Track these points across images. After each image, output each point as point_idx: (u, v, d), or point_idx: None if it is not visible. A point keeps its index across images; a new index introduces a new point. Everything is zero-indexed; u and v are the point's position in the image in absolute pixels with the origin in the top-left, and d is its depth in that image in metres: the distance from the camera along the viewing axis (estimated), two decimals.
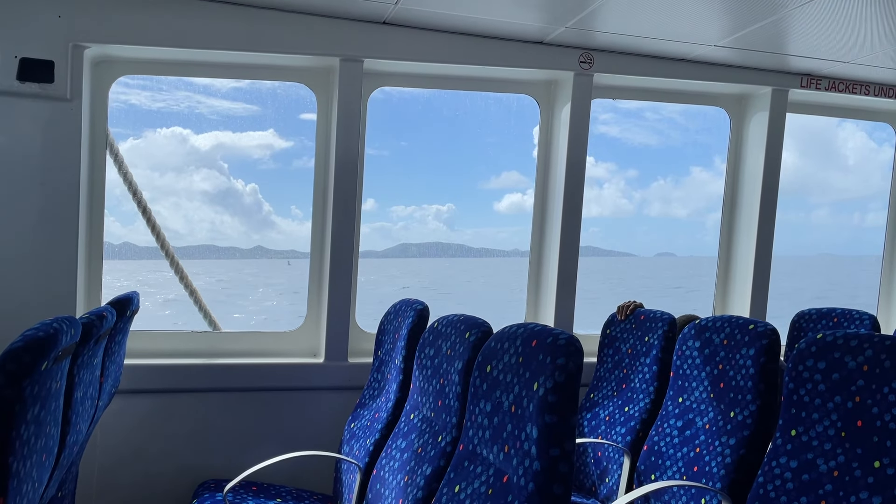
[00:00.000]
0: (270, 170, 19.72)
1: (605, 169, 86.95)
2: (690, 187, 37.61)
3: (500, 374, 1.86)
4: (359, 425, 3.07)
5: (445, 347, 2.40)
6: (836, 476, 2.11)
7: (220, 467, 3.42)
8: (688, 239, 61.10)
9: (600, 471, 3.22)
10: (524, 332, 1.83)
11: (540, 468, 1.61)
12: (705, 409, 2.78)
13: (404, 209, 72.69)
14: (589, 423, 3.40)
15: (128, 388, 3.25)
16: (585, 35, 3.53)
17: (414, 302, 3.06)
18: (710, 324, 2.87)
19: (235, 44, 3.32)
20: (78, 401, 2.08)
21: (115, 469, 3.39)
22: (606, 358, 3.53)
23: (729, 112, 4.27)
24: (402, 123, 11.28)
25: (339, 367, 3.60)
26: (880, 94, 4.19)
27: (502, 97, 4.07)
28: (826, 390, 2.19)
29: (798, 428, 2.26)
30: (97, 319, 2.13)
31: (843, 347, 2.18)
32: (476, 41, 3.58)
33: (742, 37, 3.47)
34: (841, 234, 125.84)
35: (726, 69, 3.94)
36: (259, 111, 4.04)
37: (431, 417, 2.43)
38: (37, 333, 1.49)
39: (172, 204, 5.07)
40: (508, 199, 51.96)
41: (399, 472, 2.43)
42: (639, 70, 3.82)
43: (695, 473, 2.68)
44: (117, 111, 3.51)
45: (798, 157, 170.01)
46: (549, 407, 1.62)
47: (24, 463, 1.52)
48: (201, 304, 3.82)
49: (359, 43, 3.45)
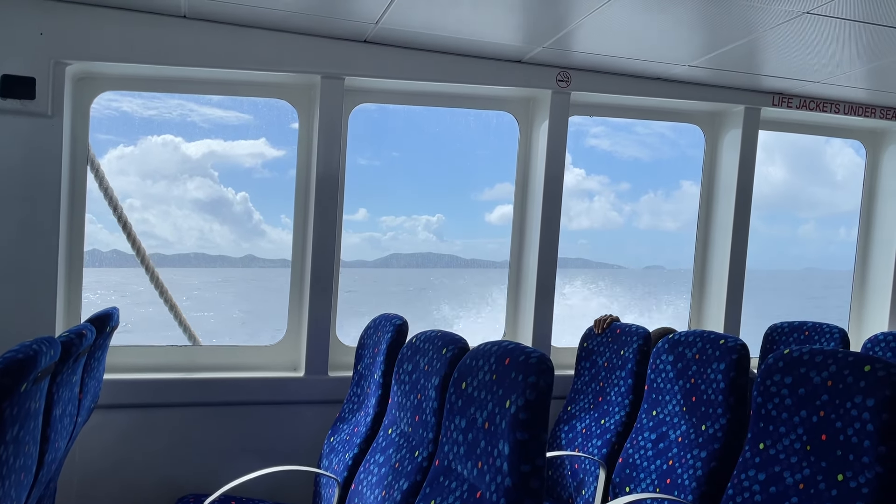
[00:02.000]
0: (262, 179, 19.64)
1: (599, 182, 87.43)
2: (680, 201, 38.08)
3: (474, 390, 1.91)
4: (338, 439, 3.10)
5: (423, 363, 2.43)
6: (802, 489, 2.17)
7: (199, 482, 3.42)
8: (675, 252, 61.74)
9: (577, 483, 3.27)
10: (498, 350, 1.87)
11: (511, 484, 1.65)
12: (678, 422, 2.84)
13: (394, 219, 72.62)
14: (566, 436, 3.45)
15: (107, 402, 3.25)
16: (563, 55, 3.60)
17: (393, 317, 3.10)
18: (682, 338, 2.93)
19: (218, 61, 3.36)
20: (56, 418, 2.10)
21: (95, 484, 3.39)
22: (583, 371, 3.58)
23: (703, 129, 4.35)
24: (393, 135, 11.40)
25: (320, 381, 3.62)
26: (850, 112, 4.30)
27: (482, 114, 4.14)
28: (793, 404, 2.25)
29: (766, 441, 2.32)
30: (76, 338, 2.15)
31: (808, 363, 2.25)
32: (456, 59, 3.64)
33: (715, 57, 3.56)
34: (827, 249, 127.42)
35: (700, 88, 4.02)
36: (251, 120, 4.06)
37: (409, 432, 2.47)
38: (16, 355, 1.51)
39: (162, 212, 5.08)
40: (499, 211, 52.84)
41: (377, 487, 2.46)
42: (615, 88, 3.90)
43: (668, 486, 2.73)
44: (108, 119, 3.51)
45: (787, 173, 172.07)
46: (520, 424, 1.67)
47: (3, 483, 1.54)
48: (181, 318, 3.83)
49: (340, 61, 3.50)
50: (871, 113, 4.34)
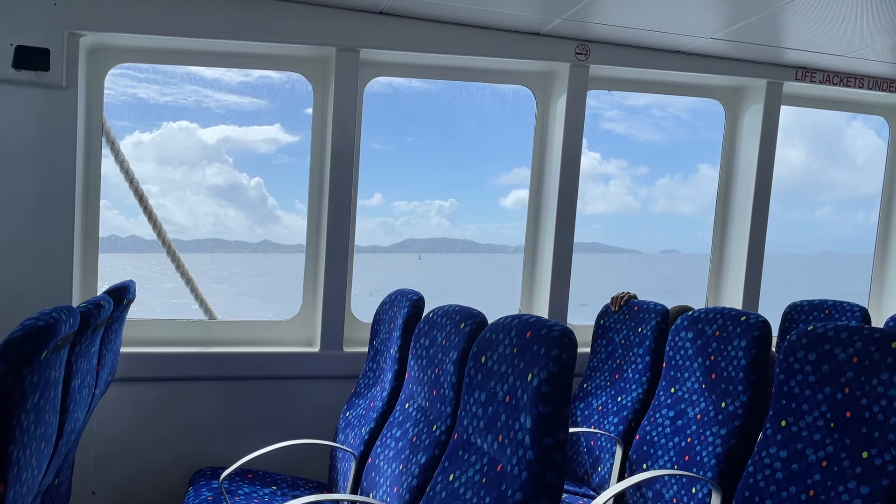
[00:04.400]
0: (276, 164, 19.33)
1: (617, 166, 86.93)
2: (697, 184, 37.15)
3: (494, 364, 1.89)
4: (354, 414, 3.09)
5: (441, 338, 2.41)
6: (825, 466, 2.14)
7: (215, 455, 3.44)
8: (690, 236, 60.98)
9: (593, 460, 3.26)
10: (519, 324, 1.84)
11: (534, 457, 1.63)
12: (697, 399, 2.81)
13: (407, 204, 72.39)
14: (582, 413, 3.43)
15: (124, 376, 3.27)
16: (582, 27, 3.54)
17: (409, 292, 3.08)
18: (702, 315, 2.89)
19: (232, 33, 3.32)
20: (75, 389, 2.10)
21: (112, 457, 3.41)
22: (600, 348, 3.56)
23: (724, 104, 4.28)
24: (407, 119, 11.32)
25: (335, 357, 3.62)
26: (874, 87, 4.21)
27: (498, 90, 4.08)
28: (816, 381, 2.22)
29: (788, 419, 2.29)
30: (95, 308, 2.14)
31: (833, 339, 2.21)
32: (473, 32, 3.58)
33: (738, 29, 3.48)
34: (844, 232, 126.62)
35: (722, 61, 3.95)
36: (266, 105, 4.03)
37: (426, 407, 2.46)
38: (36, 323, 1.50)
39: (178, 198, 5.09)
40: (514, 196, 52.05)
41: (394, 461, 2.45)
42: (635, 62, 3.83)
43: (686, 463, 2.71)
44: (124, 105, 3.51)
45: (807, 156, 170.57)
46: (542, 397, 1.64)
47: (24, 451, 1.54)
48: (197, 292, 3.83)
49: (355, 33, 3.45)
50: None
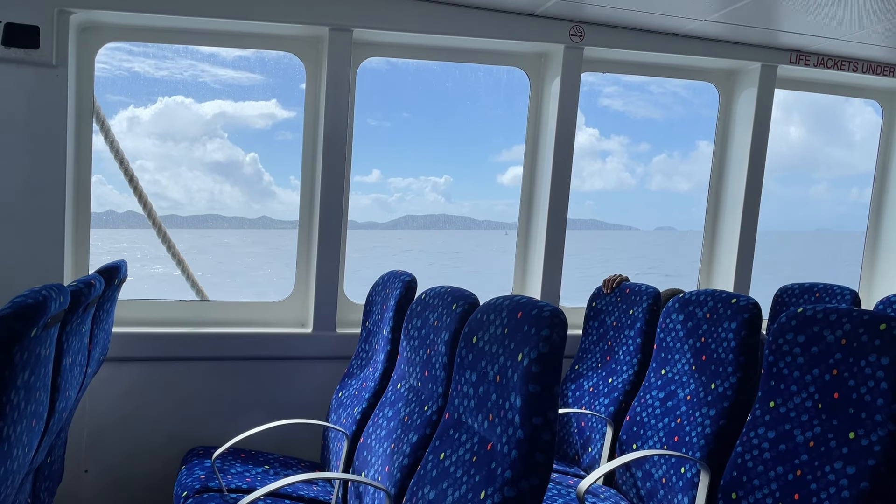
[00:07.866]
0: (272, 140, 19.43)
1: (618, 143, 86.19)
2: (695, 162, 37.75)
3: (485, 344, 1.89)
4: (346, 394, 3.11)
5: (433, 318, 2.42)
6: (812, 446, 2.16)
7: (208, 435, 3.45)
8: (685, 213, 61.08)
9: (583, 440, 3.28)
10: (510, 304, 1.85)
11: (523, 436, 1.64)
12: (687, 380, 2.84)
13: (402, 181, 71.85)
14: (573, 394, 3.45)
15: (116, 356, 3.27)
16: (576, 7, 3.52)
17: (402, 273, 3.08)
18: (693, 297, 2.91)
19: (224, 11, 3.29)
20: (67, 367, 2.10)
21: (104, 435, 3.42)
22: (591, 330, 3.57)
23: (718, 87, 4.27)
24: (403, 96, 11.18)
25: (328, 337, 3.63)
26: (868, 70, 4.20)
27: (493, 71, 4.06)
28: (805, 363, 2.24)
29: (776, 399, 2.31)
30: (85, 287, 2.14)
31: (822, 321, 2.22)
32: (466, 12, 3.55)
33: (733, 12, 3.46)
34: (837, 209, 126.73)
35: (716, 44, 3.93)
36: (262, 80, 4.00)
37: (418, 387, 2.47)
38: (26, 300, 1.50)
39: (173, 174, 4.98)
40: (512, 172, 52.55)
41: (385, 440, 2.47)
42: (629, 44, 3.81)
43: (675, 443, 2.73)
44: (120, 79, 3.47)
45: (805, 133, 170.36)
46: (532, 377, 1.65)
47: (14, 427, 1.54)
48: (188, 273, 3.82)
49: (348, 12, 3.42)
50: (889, 72, 4.25)
